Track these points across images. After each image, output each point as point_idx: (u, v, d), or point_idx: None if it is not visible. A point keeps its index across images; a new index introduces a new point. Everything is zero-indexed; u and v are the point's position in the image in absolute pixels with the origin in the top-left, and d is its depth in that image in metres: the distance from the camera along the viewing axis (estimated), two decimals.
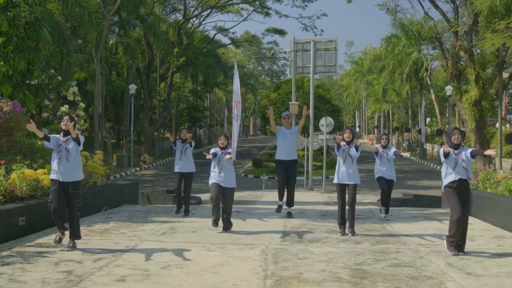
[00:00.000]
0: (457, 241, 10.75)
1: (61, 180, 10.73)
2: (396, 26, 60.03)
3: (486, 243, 12.00)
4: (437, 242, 11.71)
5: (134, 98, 46.14)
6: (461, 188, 10.84)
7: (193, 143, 16.22)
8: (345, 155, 12.90)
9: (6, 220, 11.49)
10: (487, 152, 11.10)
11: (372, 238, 12.54)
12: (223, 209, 13.16)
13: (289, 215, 15.81)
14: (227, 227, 13.28)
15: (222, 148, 13.28)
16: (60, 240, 10.88)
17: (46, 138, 10.93)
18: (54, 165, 10.85)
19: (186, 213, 16.18)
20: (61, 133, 10.99)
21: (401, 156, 14.76)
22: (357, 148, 13.18)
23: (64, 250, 10.65)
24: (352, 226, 13.03)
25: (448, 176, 10.98)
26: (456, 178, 10.84)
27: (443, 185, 11.15)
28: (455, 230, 10.73)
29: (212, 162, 13.23)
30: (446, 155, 10.99)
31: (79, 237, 11.01)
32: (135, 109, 51.99)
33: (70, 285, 8.16)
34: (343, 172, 12.89)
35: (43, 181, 13.48)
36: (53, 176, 10.87)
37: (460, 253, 10.59)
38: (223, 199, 13.11)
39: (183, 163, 15.99)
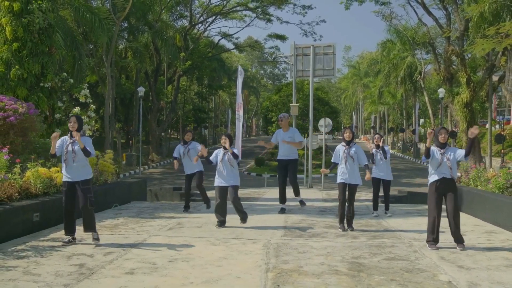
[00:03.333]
0: (436, 238, 10.78)
1: (70, 181, 10.73)
2: (391, 32, 60.05)
3: (477, 238, 12.00)
4: None
5: (143, 100, 46.21)
6: (445, 187, 10.80)
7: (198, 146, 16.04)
8: (345, 156, 12.85)
9: (22, 216, 11.50)
10: (470, 133, 10.96)
11: (368, 233, 12.55)
12: (234, 205, 13.21)
13: (302, 203, 15.90)
14: (243, 217, 13.43)
15: (225, 148, 13.22)
16: (69, 242, 10.82)
17: (53, 155, 10.95)
18: (63, 167, 10.84)
19: (208, 207, 16.08)
20: (68, 134, 10.95)
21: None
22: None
23: (75, 243, 10.69)
24: (350, 224, 13.04)
25: (433, 175, 10.93)
26: (440, 177, 10.78)
27: (428, 182, 11.13)
28: (431, 231, 10.78)
29: (217, 162, 13.21)
30: (427, 154, 10.95)
31: (94, 230, 10.97)
32: (144, 110, 52.05)
33: (81, 278, 8.16)
34: (345, 173, 12.81)
35: (56, 178, 13.49)
36: (64, 178, 10.87)
37: (459, 248, 10.57)
38: (230, 197, 13.11)
39: (187, 164, 15.95)
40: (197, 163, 15.76)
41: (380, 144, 15.68)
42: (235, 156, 13.25)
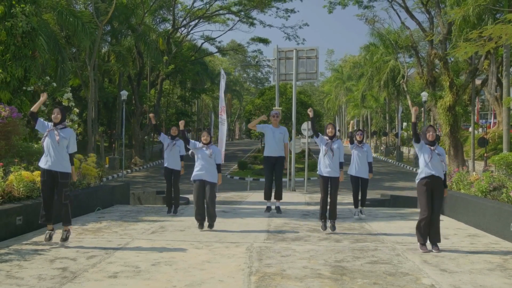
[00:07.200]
0: (426, 234, 10.82)
1: (50, 168, 10.69)
2: (374, 36, 60.19)
3: (460, 241, 12.06)
4: (413, 240, 11.68)
5: (126, 103, 46.13)
6: (434, 185, 10.84)
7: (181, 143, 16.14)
8: (327, 148, 12.89)
9: (4, 219, 11.45)
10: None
11: (351, 236, 12.58)
12: (206, 204, 13.07)
13: (278, 210, 15.93)
14: (211, 224, 13.24)
15: (205, 144, 13.14)
16: (50, 237, 10.87)
17: (35, 118, 10.95)
18: (44, 154, 10.83)
19: (175, 212, 16.16)
20: (52, 124, 10.96)
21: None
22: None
23: (58, 246, 10.66)
24: (333, 218, 13.08)
25: (422, 171, 10.95)
26: (430, 174, 10.81)
27: (417, 181, 11.15)
28: (423, 224, 10.79)
29: (196, 156, 13.14)
30: (415, 134, 10.99)
31: (70, 223, 11.04)
32: (127, 114, 52.01)
33: (64, 281, 8.15)
34: (325, 165, 12.86)
35: (39, 182, 13.46)
36: (41, 164, 10.82)
37: (435, 251, 10.64)
38: (206, 195, 12.98)
39: (170, 158, 15.99)
40: (177, 161, 15.87)
41: (358, 139, 15.71)
42: (218, 168, 13.23)
